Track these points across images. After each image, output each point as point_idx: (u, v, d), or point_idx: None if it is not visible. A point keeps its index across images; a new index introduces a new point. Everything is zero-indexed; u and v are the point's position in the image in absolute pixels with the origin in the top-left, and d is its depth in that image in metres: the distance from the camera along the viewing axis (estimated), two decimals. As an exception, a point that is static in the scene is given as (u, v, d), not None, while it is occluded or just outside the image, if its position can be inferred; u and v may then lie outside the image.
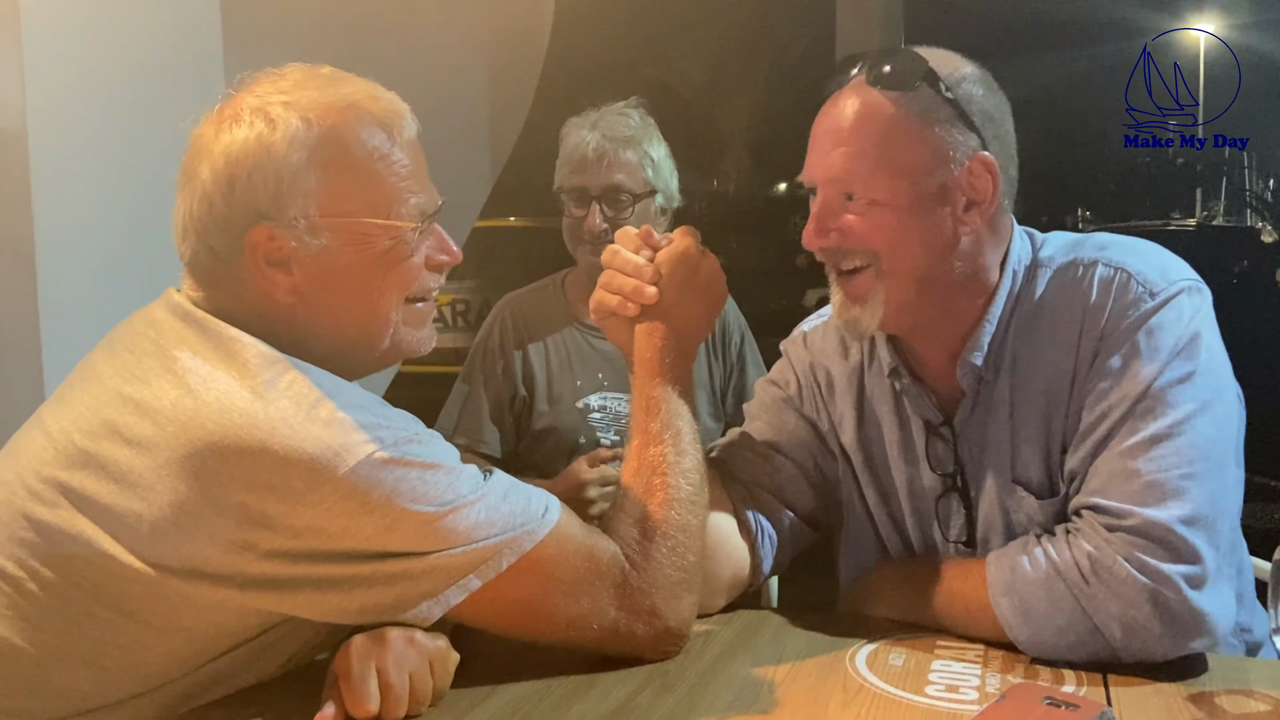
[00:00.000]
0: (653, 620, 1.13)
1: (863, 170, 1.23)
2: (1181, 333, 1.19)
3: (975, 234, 1.26)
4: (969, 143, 1.23)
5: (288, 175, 1.05)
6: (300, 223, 1.06)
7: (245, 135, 1.05)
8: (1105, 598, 1.12)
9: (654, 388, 1.26)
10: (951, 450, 1.33)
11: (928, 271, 1.25)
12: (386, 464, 1.00)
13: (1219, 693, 1.08)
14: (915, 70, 1.23)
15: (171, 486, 0.97)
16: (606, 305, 1.31)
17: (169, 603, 0.99)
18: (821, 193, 1.26)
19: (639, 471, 1.21)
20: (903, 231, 1.23)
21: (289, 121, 1.05)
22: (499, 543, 1.04)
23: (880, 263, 1.24)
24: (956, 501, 1.33)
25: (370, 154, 1.09)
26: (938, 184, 1.23)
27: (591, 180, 1.99)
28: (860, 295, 1.26)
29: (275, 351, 1.04)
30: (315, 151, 1.06)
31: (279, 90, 1.08)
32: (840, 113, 1.25)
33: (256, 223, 1.05)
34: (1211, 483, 1.15)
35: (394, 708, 1.00)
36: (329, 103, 1.08)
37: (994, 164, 1.24)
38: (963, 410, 1.31)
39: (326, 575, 1.00)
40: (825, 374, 1.45)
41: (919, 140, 1.22)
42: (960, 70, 1.25)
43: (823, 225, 1.26)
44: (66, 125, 1.90)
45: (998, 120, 1.26)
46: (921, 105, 1.22)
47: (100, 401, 1.03)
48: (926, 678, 1.12)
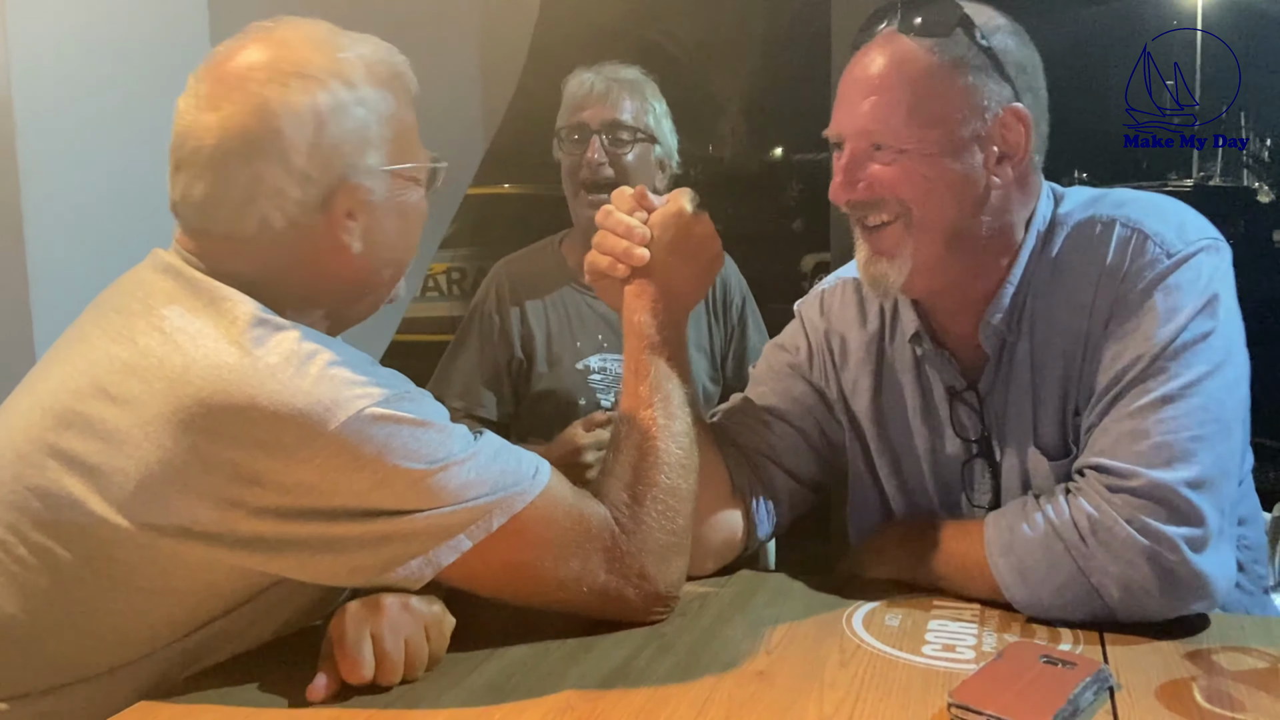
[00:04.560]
0: (642, 583, 1.13)
1: (894, 120, 1.20)
2: (1200, 292, 1.18)
3: (1006, 188, 1.23)
4: (1003, 93, 1.21)
5: (367, 131, 1.08)
6: (376, 175, 1.10)
7: (323, 95, 1.06)
8: (1104, 558, 1.11)
9: (643, 351, 1.25)
10: (978, 416, 1.32)
11: (958, 224, 1.22)
12: (377, 420, 0.99)
13: (1216, 649, 1.09)
14: (951, 17, 1.20)
15: (160, 444, 0.96)
16: (598, 266, 1.30)
17: (158, 564, 0.99)
18: (849, 145, 1.24)
19: (629, 435, 1.20)
20: (933, 181, 1.20)
21: (355, 77, 1.08)
22: (489, 503, 1.04)
23: (910, 214, 1.22)
24: (982, 466, 1.32)
25: (410, 105, 1.15)
26: (970, 134, 1.20)
27: (593, 116, 2.01)
28: (888, 250, 1.24)
29: (264, 309, 1.03)
30: (380, 105, 1.10)
31: (328, 48, 1.09)
32: (870, 63, 1.22)
33: (343, 178, 1.08)
34: (1219, 445, 1.14)
35: (389, 674, 1.00)
36: (377, 58, 1.12)
37: (1027, 115, 1.22)
38: (987, 375, 1.30)
39: (316, 534, 1.00)
40: (840, 341, 1.43)
41: (952, 88, 1.20)
42: (995, 20, 1.23)
43: (850, 177, 1.23)
44: (54, 96, 1.88)
45: (1030, 73, 1.24)
46: (956, 53, 1.20)
47: (89, 362, 1.02)
48: (923, 637, 1.13)
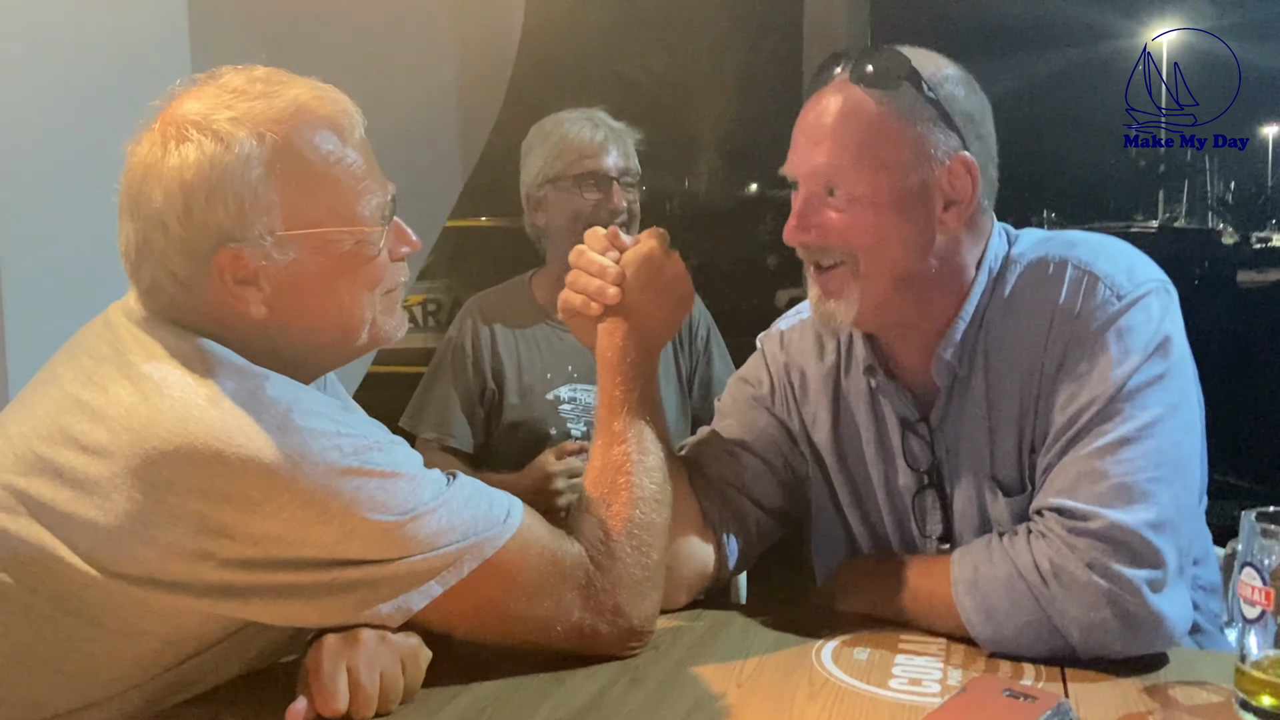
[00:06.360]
0: (616, 620, 1.14)
1: (845, 165, 1.24)
2: (1151, 334, 1.21)
3: (953, 233, 1.27)
4: (950, 142, 1.25)
5: (248, 194, 1.01)
6: (267, 240, 1.03)
7: (197, 156, 1.00)
8: (1065, 600, 1.13)
9: (616, 387, 1.26)
10: (928, 447, 1.34)
11: (905, 269, 1.26)
12: (345, 473, 0.99)
13: (1173, 685, 1.11)
14: (898, 69, 1.24)
15: (127, 495, 0.95)
16: (571, 304, 1.32)
17: (128, 609, 0.98)
18: (803, 187, 1.27)
19: (603, 470, 1.21)
20: (882, 229, 1.24)
21: (240, 138, 1.01)
22: (460, 549, 1.04)
23: (859, 260, 1.25)
24: (933, 498, 1.34)
25: (326, 159, 1.06)
26: (918, 182, 1.24)
27: (609, 164, 2.08)
28: (836, 291, 1.27)
29: (234, 357, 1.02)
30: (272, 166, 1.02)
31: (221, 103, 1.03)
32: (824, 109, 1.26)
33: (221, 245, 1.02)
34: (1177, 485, 1.17)
35: (363, 707, 1.00)
36: (277, 112, 1.04)
37: (974, 164, 1.26)
38: (938, 407, 1.32)
39: (286, 583, 0.99)
40: (800, 374, 1.46)
41: (901, 138, 1.23)
42: (942, 70, 1.27)
43: (804, 220, 1.27)
44: (29, 120, 1.88)
45: (978, 121, 1.28)
46: (904, 104, 1.23)
47: (59, 407, 1.02)
48: (890, 671, 1.14)
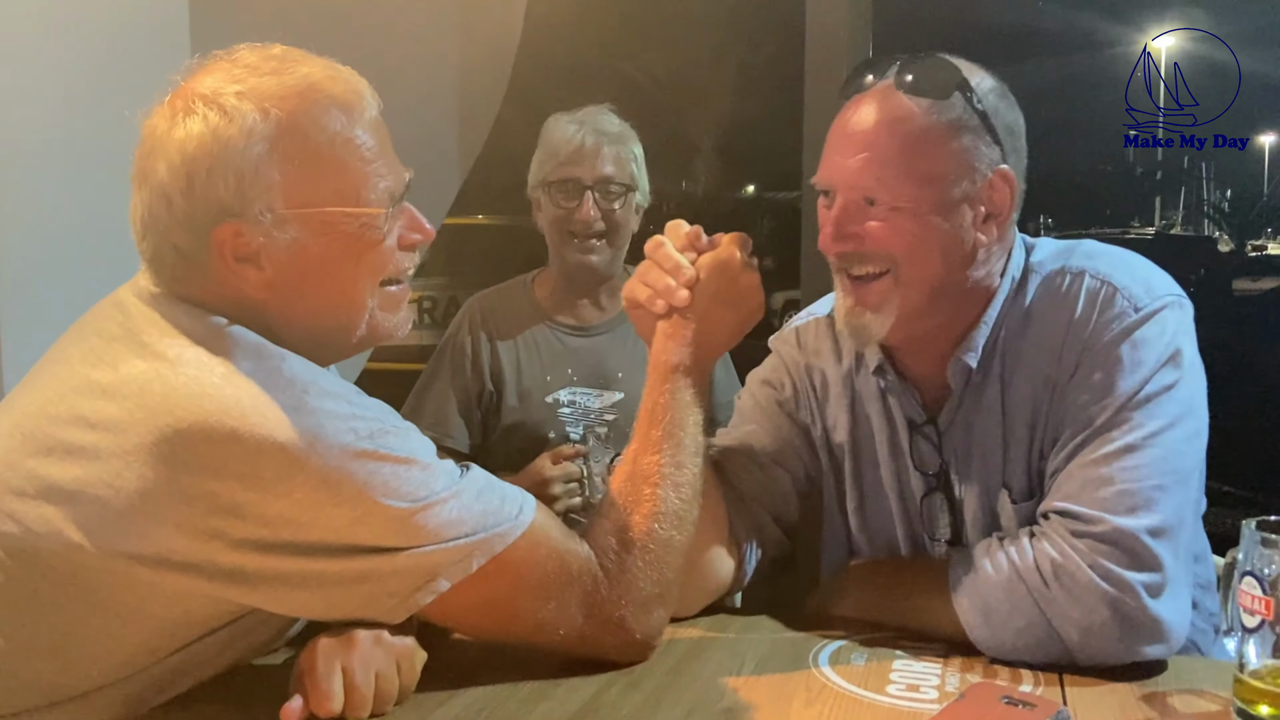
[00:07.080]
0: (619, 631, 1.12)
1: (888, 176, 1.22)
2: (1164, 347, 1.21)
3: (990, 245, 1.26)
4: (992, 155, 1.23)
5: (249, 170, 1.00)
6: (267, 217, 1.01)
7: (200, 130, 1.00)
8: (1065, 602, 1.14)
9: (662, 394, 1.22)
10: (935, 450, 1.34)
11: (944, 280, 1.25)
12: (359, 456, 0.98)
13: (1172, 693, 1.11)
14: (950, 79, 1.22)
15: (139, 473, 0.95)
16: (636, 296, 1.28)
17: (136, 592, 0.98)
18: (841, 197, 1.25)
19: (630, 478, 1.17)
20: (924, 239, 1.22)
21: (245, 112, 1.00)
22: (469, 544, 1.03)
23: (899, 270, 1.24)
24: (940, 502, 1.34)
25: (332, 140, 1.04)
26: (961, 194, 1.22)
27: (585, 171, 2.02)
28: (874, 303, 1.25)
29: (250, 335, 1.02)
30: (275, 143, 1.01)
31: (231, 78, 1.03)
32: (865, 117, 1.24)
33: (221, 220, 1.01)
34: (1178, 494, 1.17)
35: (358, 707, 1.00)
36: (285, 89, 1.03)
37: (1014, 178, 1.25)
38: (948, 409, 1.32)
39: (294, 570, 0.99)
40: (820, 376, 1.44)
41: (947, 150, 1.22)
42: (986, 82, 1.25)
43: (841, 229, 1.25)
44: (27, 116, 1.87)
45: (1017, 134, 1.27)
46: (952, 115, 1.22)
47: (69, 387, 1.01)
48: (888, 677, 1.14)
